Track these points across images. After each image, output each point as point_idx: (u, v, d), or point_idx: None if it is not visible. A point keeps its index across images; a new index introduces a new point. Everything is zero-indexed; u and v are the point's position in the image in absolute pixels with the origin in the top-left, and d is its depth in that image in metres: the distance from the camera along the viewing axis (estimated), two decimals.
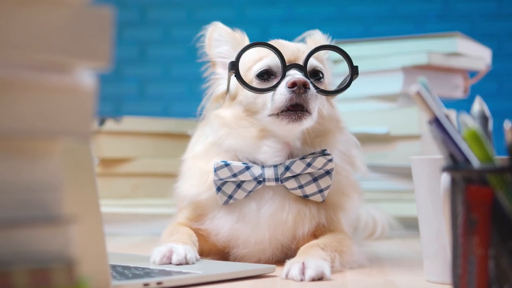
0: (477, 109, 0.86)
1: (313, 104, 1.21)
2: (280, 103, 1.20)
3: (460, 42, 1.86)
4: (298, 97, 1.19)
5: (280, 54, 1.23)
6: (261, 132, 1.25)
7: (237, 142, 1.27)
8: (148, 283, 0.95)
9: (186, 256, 1.14)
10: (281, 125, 1.22)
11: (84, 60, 0.63)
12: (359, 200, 1.38)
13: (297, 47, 1.29)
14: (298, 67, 1.23)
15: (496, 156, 0.80)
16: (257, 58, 1.28)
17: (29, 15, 0.57)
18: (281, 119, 1.21)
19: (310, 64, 1.25)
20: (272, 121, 1.23)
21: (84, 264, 0.88)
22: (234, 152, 1.28)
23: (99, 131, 1.96)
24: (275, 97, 1.21)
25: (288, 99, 1.20)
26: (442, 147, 0.80)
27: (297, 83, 1.19)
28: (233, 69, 1.24)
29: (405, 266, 1.25)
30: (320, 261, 1.09)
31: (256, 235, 1.24)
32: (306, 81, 1.19)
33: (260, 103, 1.25)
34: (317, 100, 1.22)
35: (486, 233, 0.76)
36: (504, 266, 0.75)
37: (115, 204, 1.93)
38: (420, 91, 0.79)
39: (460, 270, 0.79)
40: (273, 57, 1.25)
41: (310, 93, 1.20)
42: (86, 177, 0.85)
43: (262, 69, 1.26)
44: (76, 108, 0.64)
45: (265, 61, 1.27)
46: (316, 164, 1.23)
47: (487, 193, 0.76)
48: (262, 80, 1.26)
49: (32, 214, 0.60)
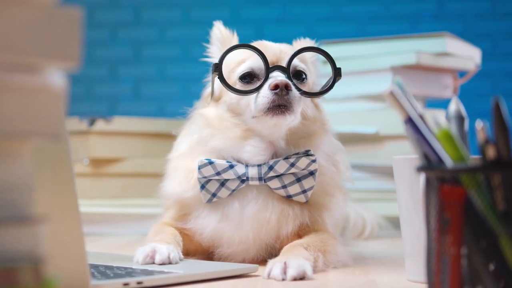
0: (453, 109, 0.86)
1: (296, 106, 1.21)
2: (263, 105, 1.21)
3: (449, 42, 1.86)
4: (280, 99, 1.20)
5: (263, 56, 1.23)
6: (245, 132, 1.26)
7: (221, 143, 1.27)
8: (128, 283, 0.96)
9: (169, 256, 1.14)
10: (266, 120, 1.22)
11: (53, 61, 0.63)
12: (344, 200, 1.38)
13: (280, 49, 1.29)
14: (281, 68, 1.24)
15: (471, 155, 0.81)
16: (240, 60, 1.28)
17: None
18: (265, 119, 1.21)
19: (293, 66, 1.26)
20: (256, 121, 1.23)
21: (61, 264, 0.88)
22: (218, 151, 1.28)
23: (90, 131, 1.96)
24: (258, 99, 1.21)
25: (270, 100, 1.20)
26: (416, 147, 0.81)
27: (279, 85, 1.19)
28: (216, 71, 1.24)
29: (390, 266, 1.25)
30: (302, 261, 1.09)
31: (239, 234, 1.25)
32: (288, 83, 1.20)
33: (244, 105, 1.25)
34: (300, 102, 1.22)
35: (458, 232, 0.77)
36: (477, 265, 0.76)
37: (105, 204, 1.93)
38: (393, 91, 0.79)
39: (434, 269, 0.79)
40: (256, 59, 1.26)
41: (293, 95, 1.20)
42: (63, 177, 0.85)
43: (245, 72, 1.27)
44: (46, 109, 0.64)
45: (248, 64, 1.27)
46: (299, 165, 1.23)
47: (459, 193, 0.76)
48: (245, 83, 1.26)
49: (1, 214, 0.60)
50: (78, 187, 1.94)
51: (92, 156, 1.96)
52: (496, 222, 0.75)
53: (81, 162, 1.96)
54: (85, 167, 1.95)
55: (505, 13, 3.15)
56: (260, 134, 1.25)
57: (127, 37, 3.36)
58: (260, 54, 1.23)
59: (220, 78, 1.24)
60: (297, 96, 1.21)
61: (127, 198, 1.98)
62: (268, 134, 1.25)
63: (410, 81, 1.87)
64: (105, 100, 3.36)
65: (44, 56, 0.62)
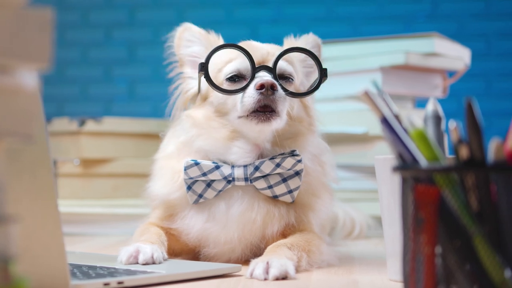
0: (431, 109, 0.87)
1: (282, 106, 1.22)
2: (249, 105, 1.21)
3: (438, 42, 1.87)
4: (266, 99, 1.20)
5: (250, 56, 1.24)
6: (231, 133, 1.26)
7: (208, 143, 1.27)
8: (109, 283, 0.96)
9: (153, 256, 1.14)
10: (251, 125, 1.23)
11: (24, 62, 0.63)
12: (330, 200, 1.39)
13: (266, 49, 1.29)
14: (267, 69, 1.24)
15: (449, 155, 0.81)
16: (227, 60, 1.29)
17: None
18: (251, 120, 1.22)
19: (279, 67, 1.26)
20: (242, 122, 1.24)
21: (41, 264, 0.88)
22: (205, 152, 1.29)
23: (80, 131, 1.96)
24: (244, 99, 1.22)
25: (256, 100, 1.21)
26: (392, 147, 0.81)
27: (265, 85, 1.20)
28: (202, 70, 1.24)
29: (374, 266, 1.25)
30: (284, 260, 1.09)
31: (225, 234, 1.25)
32: (274, 83, 1.20)
33: (230, 104, 1.26)
34: (285, 102, 1.23)
35: (433, 231, 0.77)
36: (451, 264, 0.76)
37: (96, 205, 1.93)
38: (368, 91, 0.80)
39: (409, 268, 0.79)
40: (243, 60, 1.26)
41: (278, 95, 1.21)
42: (42, 178, 0.85)
43: (232, 73, 1.27)
44: (17, 109, 0.64)
45: (234, 64, 1.27)
46: (285, 165, 1.24)
47: (433, 192, 0.77)
48: (232, 82, 1.27)
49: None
50: (68, 187, 1.96)
51: (82, 156, 1.96)
52: (470, 222, 0.75)
53: (72, 162, 1.96)
54: (76, 167, 1.96)
55: (499, 13, 3.15)
56: (246, 136, 1.25)
57: (122, 37, 3.37)
58: (246, 54, 1.24)
59: (206, 77, 1.24)
60: (283, 96, 1.22)
61: (117, 198, 1.99)
62: (254, 138, 1.25)
63: (399, 81, 1.88)
64: (100, 101, 3.36)
65: (15, 57, 0.63)
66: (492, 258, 0.74)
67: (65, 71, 3.37)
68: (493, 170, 0.75)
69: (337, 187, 1.85)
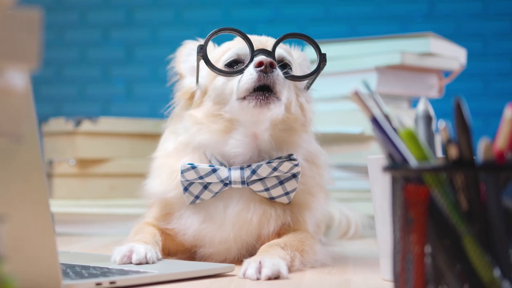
0: (421, 109, 0.87)
1: (280, 87, 1.21)
2: (248, 83, 1.20)
3: (433, 42, 1.87)
4: (265, 78, 1.20)
5: (249, 40, 1.24)
6: (229, 123, 1.25)
7: (205, 138, 1.27)
8: (101, 283, 0.96)
9: (146, 256, 1.14)
10: (248, 109, 1.21)
11: (12, 62, 0.63)
12: (326, 199, 1.39)
13: (265, 38, 1.30)
14: (266, 52, 1.24)
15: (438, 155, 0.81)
16: (226, 50, 1.29)
17: None
18: (249, 102, 1.21)
19: (278, 53, 1.26)
20: (240, 106, 1.22)
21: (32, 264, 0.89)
22: (204, 149, 1.28)
23: (76, 131, 1.97)
24: (243, 78, 1.21)
25: (255, 79, 1.20)
26: (382, 147, 0.81)
27: (264, 62, 1.19)
28: (201, 52, 1.24)
29: (368, 265, 1.25)
30: (277, 260, 1.09)
31: (220, 234, 1.25)
32: (272, 61, 1.20)
33: (229, 91, 1.25)
34: (285, 85, 1.22)
35: (422, 231, 0.77)
36: (440, 263, 0.76)
37: (91, 205, 1.93)
38: (357, 91, 0.80)
39: (399, 268, 0.79)
40: (241, 46, 1.27)
41: (277, 74, 1.20)
42: (33, 178, 0.85)
43: (231, 59, 1.27)
44: (6, 109, 0.64)
45: (233, 50, 1.28)
46: (282, 169, 1.24)
47: (423, 192, 0.77)
48: (230, 68, 1.27)
49: None
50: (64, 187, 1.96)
51: (78, 156, 1.97)
52: (459, 222, 0.75)
53: (68, 162, 1.96)
54: (72, 167, 1.96)
55: (497, 13, 3.16)
56: (244, 124, 1.25)
57: (120, 38, 3.37)
58: (246, 38, 1.24)
59: (205, 58, 1.24)
60: (282, 78, 1.21)
61: (113, 198, 1.99)
62: (252, 124, 1.24)
63: (395, 81, 1.88)
64: (98, 101, 3.37)
65: (3, 58, 0.63)
66: (481, 258, 0.75)
67: (63, 71, 3.38)
68: (482, 170, 0.75)
69: (333, 187, 1.86)
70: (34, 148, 0.85)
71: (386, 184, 1.07)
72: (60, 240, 1.77)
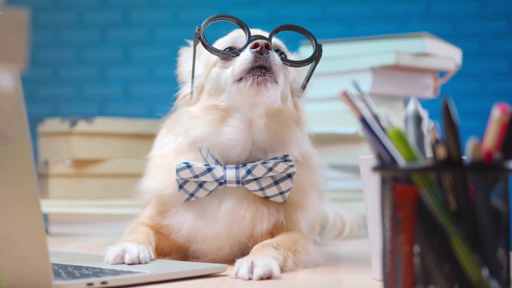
0: (411, 109, 0.87)
1: (277, 68, 1.22)
2: (245, 63, 1.21)
3: (428, 42, 1.87)
4: (261, 58, 1.20)
5: (245, 26, 1.24)
6: (224, 112, 1.25)
7: (201, 130, 1.27)
8: (92, 283, 0.96)
9: (139, 256, 1.15)
10: (245, 88, 1.21)
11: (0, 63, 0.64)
12: (319, 199, 1.39)
13: (260, 31, 1.31)
14: (262, 38, 1.24)
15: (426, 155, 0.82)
16: (220, 43, 1.31)
17: None
18: (246, 81, 1.21)
19: (274, 42, 1.27)
20: (236, 88, 1.22)
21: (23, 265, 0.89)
22: (200, 145, 1.28)
23: (72, 132, 1.97)
24: (239, 59, 1.22)
25: (252, 59, 1.20)
26: (371, 147, 0.81)
27: (259, 44, 1.20)
28: (198, 33, 1.24)
29: (361, 265, 1.26)
30: (269, 260, 1.10)
31: (213, 230, 1.25)
32: (268, 43, 1.21)
33: (224, 80, 1.25)
34: (281, 68, 1.23)
35: (411, 231, 0.77)
36: (429, 263, 0.76)
37: (87, 205, 1.94)
38: (346, 92, 0.80)
39: (388, 268, 0.80)
40: (237, 35, 1.28)
41: (273, 56, 1.21)
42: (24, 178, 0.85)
43: (227, 46, 1.28)
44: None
45: (229, 38, 1.29)
46: (277, 169, 1.24)
47: (411, 192, 0.77)
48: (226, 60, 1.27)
49: None
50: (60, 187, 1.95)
51: (74, 157, 1.97)
52: (447, 221, 0.76)
53: (63, 163, 1.96)
54: (67, 168, 1.96)
55: (494, 13, 3.16)
56: (240, 109, 1.25)
57: (117, 38, 3.37)
58: (242, 24, 1.25)
59: (203, 39, 1.24)
60: (278, 60, 1.22)
61: (109, 198, 1.99)
62: (248, 106, 1.24)
63: (390, 81, 1.88)
64: (95, 101, 3.36)
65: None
66: (469, 258, 0.75)
67: (61, 72, 3.38)
68: (470, 170, 0.75)
69: (328, 187, 1.86)
70: (25, 148, 0.85)
71: (377, 184, 1.08)
72: (55, 240, 1.77)
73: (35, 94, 3.37)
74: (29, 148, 0.87)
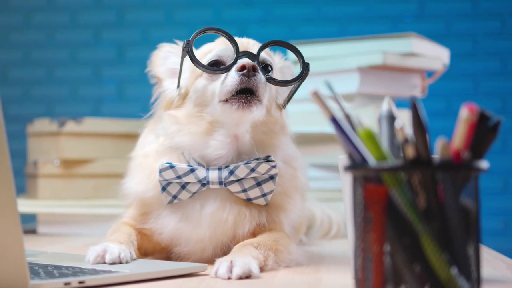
0: (385, 109, 0.87)
1: (262, 91, 1.22)
2: (231, 86, 1.22)
3: (415, 42, 1.87)
4: (247, 81, 1.21)
5: (234, 42, 1.25)
6: (210, 126, 1.26)
7: (186, 139, 1.27)
8: (70, 282, 0.96)
9: (120, 255, 1.15)
10: (231, 111, 1.22)
11: None
12: (302, 201, 1.39)
13: (247, 41, 1.31)
14: (250, 55, 1.25)
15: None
16: (207, 51, 1.30)
17: None
18: (231, 105, 1.22)
19: (261, 57, 1.27)
20: (222, 108, 1.24)
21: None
22: (183, 150, 1.29)
23: (60, 132, 1.97)
24: (226, 80, 1.23)
25: (238, 82, 1.21)
26: (343, 147, 0.82)
27: (246, 66, 1.21)
28: (187, 47, 1.24)
29: (342, 264, 1.26)
30: (248, 259, 1.10)
31: (197, 233, 1.26)
32: (255, 65, 1.21)
33: (210, 94, 1.26)
34: (266, 88, 1.24)
35: (381, 230, 0.78)
36: (399, 262, 0.77)
37: (76, 205, 1.94)
38: (317, 92, 0.81)
39: (359, 266, 0.80)
40: (224, 48, 1.28)
41: (259, 78, 1.22)
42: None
43: (212, 60, 1.28)
44: None
45: (215, 52, 1.29)
46: (260, 170, 1.24)
47: (381, 191, 0.78)
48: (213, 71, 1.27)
49: None
50: (49, 188, 1.96)
51: (62, 157, 1.97)
52: (417, 221, 0.76)
53: (52, 163, 1.97)
54: (56, 168, 1.97)
55: (487, 13, 3.16)
56: (225, 126, 1.25)
57: (111, 38, 3.38)
58: (231, 39, 1.25)
59: (190, 54, 1.24)
60: (263, 81, 1.23)
61: (98, 198, 1.99)
62: (233, 126, 1.25)
63: (377, 81, 1.89)
64: (89, 101, 3.37)
65: None
66: (438, 256, 0.75)
67: (54, 72, 3.38)
68: (439, 169, 0.76)
69: (315, 187, 1.86)
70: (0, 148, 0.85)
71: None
72: (44, 240, 1.77)
73: (29, 94, 3.38)
74: (5, 148, 0.87)
